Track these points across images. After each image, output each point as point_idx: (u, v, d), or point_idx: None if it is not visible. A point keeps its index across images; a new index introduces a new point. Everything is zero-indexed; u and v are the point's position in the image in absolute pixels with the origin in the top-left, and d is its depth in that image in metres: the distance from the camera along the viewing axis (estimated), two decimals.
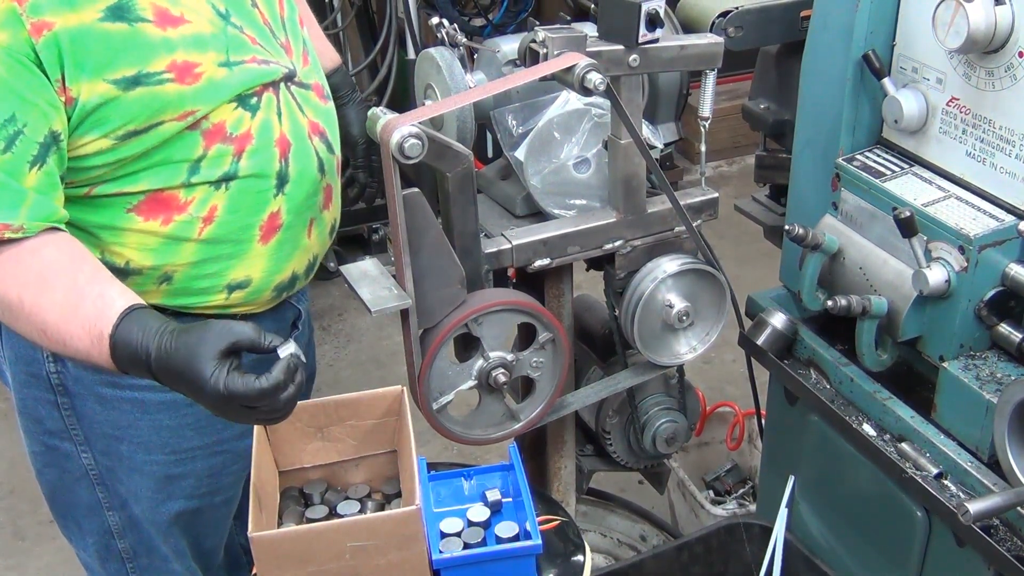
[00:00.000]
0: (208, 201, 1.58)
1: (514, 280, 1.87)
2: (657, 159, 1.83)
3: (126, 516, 1.82)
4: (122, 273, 1.55)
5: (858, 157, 1.79)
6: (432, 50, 1.79)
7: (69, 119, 1.44)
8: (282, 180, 1.64)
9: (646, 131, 1.84)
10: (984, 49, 1.54)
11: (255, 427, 1.57)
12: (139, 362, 1.37)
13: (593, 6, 1.95)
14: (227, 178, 1.58)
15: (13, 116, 1.39)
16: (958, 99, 1.64)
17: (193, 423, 1.75)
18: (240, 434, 1.78)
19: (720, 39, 1.79)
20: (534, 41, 1.66)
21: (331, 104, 1.79)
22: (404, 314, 1.66)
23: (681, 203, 1.80)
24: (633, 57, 1.68)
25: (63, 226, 1.46)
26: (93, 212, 1.54)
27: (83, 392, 1.70)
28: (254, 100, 1.59)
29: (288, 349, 1.36)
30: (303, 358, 1.38)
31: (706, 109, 1.82)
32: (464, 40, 1.84)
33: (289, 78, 1.66)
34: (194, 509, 1.84)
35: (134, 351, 1.36)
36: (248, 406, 1.33)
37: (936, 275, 1.59)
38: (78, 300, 1.40)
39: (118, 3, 1.45)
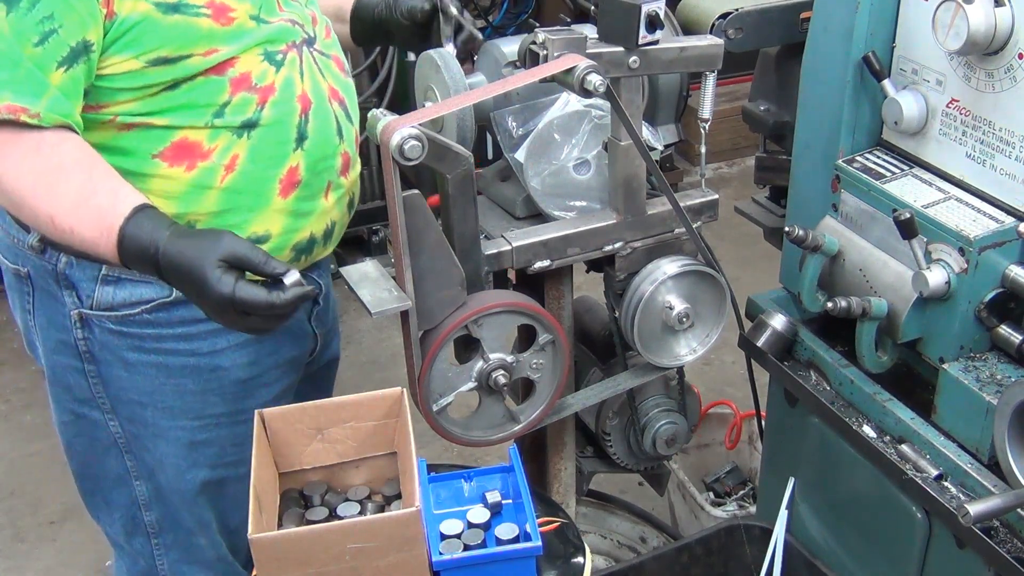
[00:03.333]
0: (231, 149, 1.63)
1: (514, 282, 1.88)
2: (657, 161, 1.83)
3: (153, 487, 1.85)
4: None
5: (858, 159, 1.79)
6: (432, 52, 1.80)
7: (106, 34, 1.49)
8: (301, 135, 1.69)
9: (646, 133, 1.84)
10: (984, 51, 1.54)
11: (255, 429, 1.58)
12: (146, 256, 1.45)
13: (593, 8, 1.96)
14: (249, 125, 1.63)
15: (52, 15, 1.45)
16: (958, 101, 1.64)
17: (217, 388, 1.78)
18: (264, 403, 1.80)
19: (720, 41, 1.79)
20: (534, 43, 1.66)
21: (350, 80, 1.85)
22: (404, 316, 1.66)
23: (681, 205, 1.81)
24: (633, 59, 1.68)
25: (79, 132, 1.51)
26: (120, 157, 1.58)
27: (109, 358, 1.73)
28: (279, 56, 1.65)
29: (293, 277, 1.43)
30: (307, 292, 1.45)
31: (706, 111, 1.82)
32: (470, 27, 1.85)
33: (310, 43, 1.72)
34: (219, 480, 1.86)
35: (143, 245, 1.45)
36: (244, 312, 1.43)
37: (936, 277, 1.59)
38: (91, 191, 1.48)
39: None
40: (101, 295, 1.68)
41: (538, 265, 1.79)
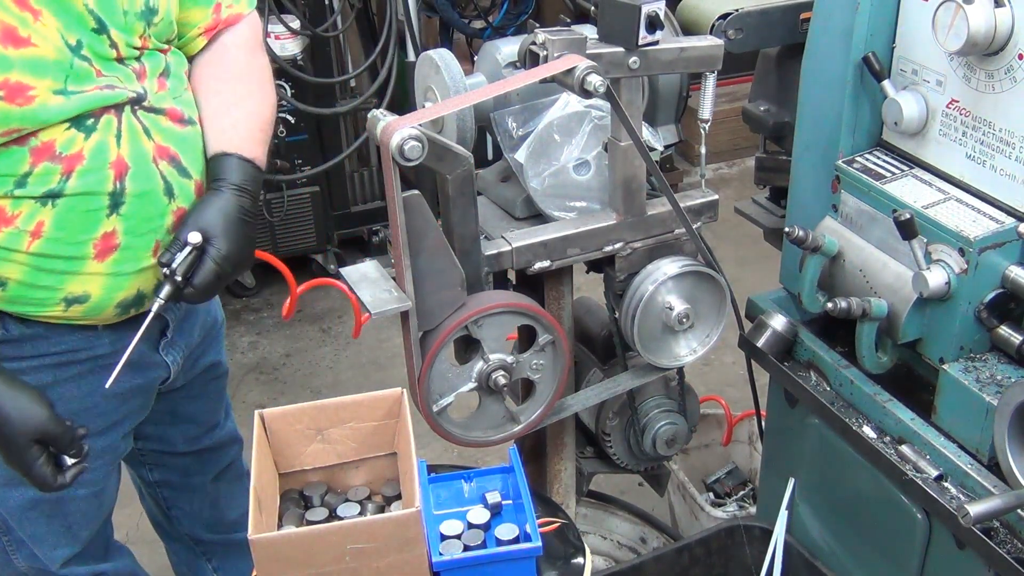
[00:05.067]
0: (35, 217, 1.55)
1: (514, 282, 1.88)
2: (657, 161, 1.83)
3: None
4: None
5: (858, 159, 1.79)
6: (432, 52, 1.80)
7: None
8: (116, 202, 1.60)
9: (646, 133, 1.84)
10: (984, 51, 1.54)
11: (255, 430, 1.58)
12: None
13: (593, 8, 1.95)
14: (53, 195, 1.55)
15: None
16: (958, 101, 1.64)
17: None
18: (100, 432, 1.78)
19: (720, 41, 1.79)
20: (534, 43, 1.66)
21: (190, 128, 1.71)
22: (404, 316, 1.66)
23: (681, 205, 1.81)
24: (633, 59, 1.68)
25: None
26: None
27: None
28: (90, 121, 1.56)
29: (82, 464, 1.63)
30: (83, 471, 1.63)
31: (706, 111, 1.82)
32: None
33: (137, 102, 1.62)
34: (56, 498, 1.82)
35: None
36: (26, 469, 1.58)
37: (936, 277, 1.59)
38: None
39: None
40: None
41: (538, 266, 1.79)
